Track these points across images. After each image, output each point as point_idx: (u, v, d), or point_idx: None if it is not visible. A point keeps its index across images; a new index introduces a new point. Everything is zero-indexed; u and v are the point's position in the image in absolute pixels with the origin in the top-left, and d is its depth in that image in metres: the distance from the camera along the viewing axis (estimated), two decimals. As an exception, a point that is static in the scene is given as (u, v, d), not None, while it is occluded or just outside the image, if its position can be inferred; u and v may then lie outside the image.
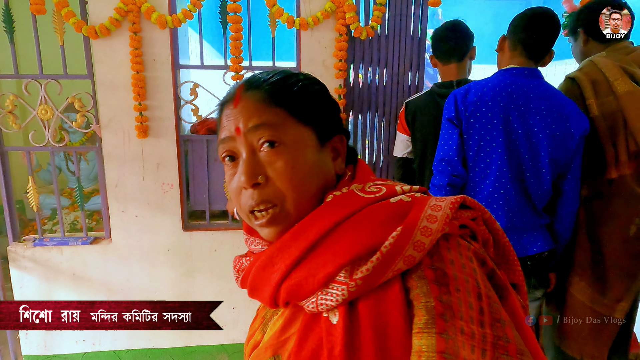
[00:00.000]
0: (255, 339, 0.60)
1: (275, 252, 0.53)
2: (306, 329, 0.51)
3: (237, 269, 0.62)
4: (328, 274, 0.47)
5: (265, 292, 0.53)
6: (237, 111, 0.57)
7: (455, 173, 1.45)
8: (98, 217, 3.35)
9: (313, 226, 0.51)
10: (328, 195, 0.56)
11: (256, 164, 0.55)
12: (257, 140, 0.55)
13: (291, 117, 0.56)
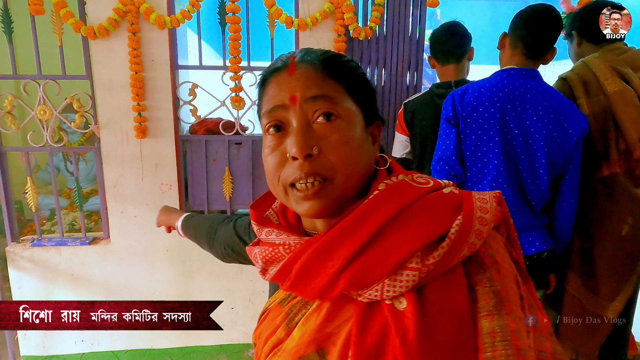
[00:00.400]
0: (277, 336, 0.57)
1: (333, 238, 0.50)
2: (364, 318, 0.49)
3: (264, 259, 0.57)
4: (400, 260, 0.47)
5: (318, 282, 0.50)
6: (293, 80, 0.55)
7: (452, 172, 1.45)
8: (97, 218, 3.35)
9: (377, 212, 0.50)
10: (379, 183, 0.55)
11: (310, 135, 0.53)
12: (312, 111, 0.54)
13: (346, 93, 0.56)
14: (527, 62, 1.44)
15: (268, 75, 0.59)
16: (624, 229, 1.51)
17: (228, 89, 2.19)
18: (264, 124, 0.58)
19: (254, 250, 0.59)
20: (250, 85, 2.20)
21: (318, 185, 0.53)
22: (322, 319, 0.52)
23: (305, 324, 0.54)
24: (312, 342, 0.51)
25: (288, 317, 0.58)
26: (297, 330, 0.54)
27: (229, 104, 2.23)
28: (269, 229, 0.60)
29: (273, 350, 0.56)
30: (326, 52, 0.58)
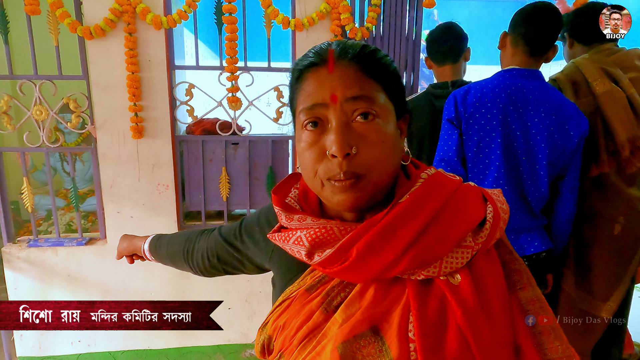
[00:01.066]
0: (314, 321, 0.57)
1: (396, 220, 0.53)
2: (421, 294, 0.54)
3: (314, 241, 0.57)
4: (458, 239, 0.54)
5: (381, 261, 0.53)
6: (334, 78, 0.56)
7: (454, 173, 1.45)
8: (94, 218, 3.33)
9: (432, 197, 0.55)
10: (421, 173, 0.60)
11: (349, 134, 0.56)
12: (352, 110, 0.56)
13: (383, 90, 0.58)
14: (529, 61, 1.44)
15: (305, 69, 0.60)
16: (616, 228, 1.53)
17: (225, 89, 2.19)
18: (301, 119, 0.59)
19: (295, 235, 0.60)
20: (247, 86, 2.20)
21: (351, 183, 0.56)
22: (370, 300, 0.55)
23: (349, 306, 0.56)
24: (365, 321, 0.54)
25: (325, 301, 0.59)
26: (340, 313, 0.56)
27: (225, 104, 2.23)
28: (299, 215, 0.61)
29: (310, 336, 0.57)
30: (363, 48, 0.59)
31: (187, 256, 0.93)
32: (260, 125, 2.41)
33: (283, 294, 0.66)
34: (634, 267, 1.56)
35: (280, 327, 0.62)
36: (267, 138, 2.36)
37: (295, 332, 0.59)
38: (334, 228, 0.57)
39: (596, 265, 1.57)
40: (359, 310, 0.55)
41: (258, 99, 2.27)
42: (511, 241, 1.44)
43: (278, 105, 2.27)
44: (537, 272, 1.49)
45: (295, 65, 0.64)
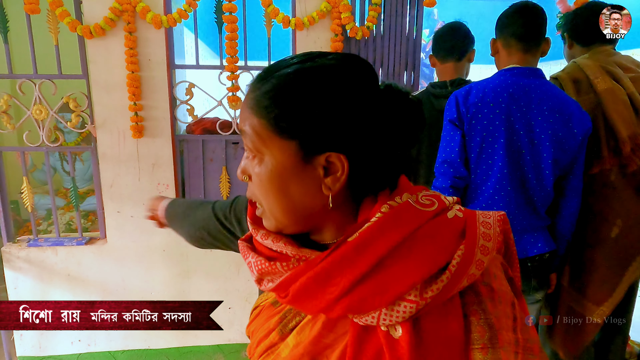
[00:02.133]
0: (271, 340, 0.57)
1: (334, 265, 0.49)
2: (359, 340, 0.50)
3: (260, 271, 0.55)
4: (399, 293, 0.47)
5: (316, 305, 0.50)
6: (241, 109, 0.57)
7: (457, 175, 1.43)
8: (94, 218, 3.33)
9: (379, 239, 0.48)
10: (382, 205, 0.51)
11: (247, 162, 0.56)
12: (244, 142, 0.56)
13: (270, 130, 0.51)
14: (526, 58, 1.43)
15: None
16: (614, 231, 1.51)
17: (225, 88, 2.19)
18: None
19: (249, 258, 0.57)
20: (247, 85, 2.19)
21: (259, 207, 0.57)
22: (317, 331, 0.53)
23: (300, 333, 0.54)
24: (306, 354, 0.52)
25: (282, 322, 0.58)
26: (291, 337, 0.55)
27: (226, 103, 2.23)
28: (264, 231, 0.57)
29: (267, 352, 0.57)
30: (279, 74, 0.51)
31: (183, 221, 0.95)
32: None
33: (257, 300, 0.66)
34: (632, 274, 1.53)
35: (250, 334, 0.63)
36: (268, 137, 2.35)
37: (257, 345, 0.59)
38: (277, 264, 0.53)
39: (591, 267, 1.55)
40: (306, 340, 0.53)
41: (258, 99, 2.26)
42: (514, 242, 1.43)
43: (278, 104, 2.26)
44: (540, 273, 1.48)
45: None
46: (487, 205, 1.43)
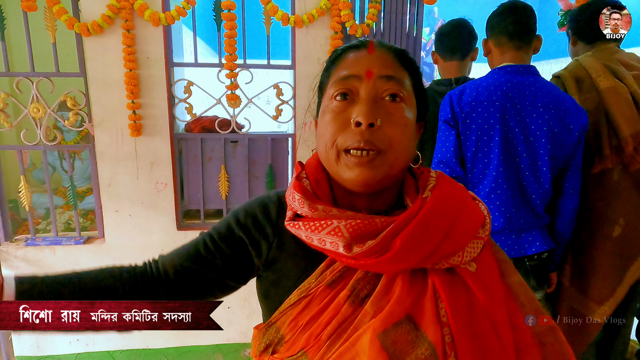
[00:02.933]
0: (343, 314, 0.58)
1: (431, 214, 0.57)
2: (447, 282, 0.59)
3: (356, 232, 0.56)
4: (476, 230, 0.62)
5: (422, 251, 0.56)
6: (373, 57, 0.61)
7: (453, 175, 1.43)
8: (93, 217, 3.32)
9: (454, 193, 0.63)
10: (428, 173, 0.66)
11: (377, 108, 0.59)
12: (383, 89, 0.60)
13: (412, 84, 0.63)
14: (519, 55, 1.43)
15: (344, 51, 0.65)
16: (616, 230, 1.50)
17: (224, 86, 2.18)
18: (332, 91, 0.62)
19: (331, 225, 0.57)
20: (246, 83, 2.19)
21: (373, 155, 0.58)
22: (399, 292, 0.58)
23: (380, 299, 0.58)
24: (401, 310, 0.57)
25: (352, 293, 0.59)
26: (371, 305, 0.57)
27: (224, 101, 2.21)
28: (323, 205, 0.61)
29: (338, 330, 0.58)
30: (400, 47, 0.66)
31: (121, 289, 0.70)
32: (260, 123, 2.40)
33: (298, 291, 0.63)
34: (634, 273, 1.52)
35: (302, 326, 0.61)
36: (267, 136, 2.34)
37: (323, 328, 0.58)
38: (376, 220, 0.57)
39: (592, 265, 1.54)
40: (390, 301, 0.57)
41: (257, 97, 2.26)
42: (512, 241, 1.42)
43: (277, 102, 2.25)
44: (539, 272, 1.47)
45: (333, 52, 0.68)
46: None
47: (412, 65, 0.65)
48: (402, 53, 0.64)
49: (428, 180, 0.64)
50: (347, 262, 0.59)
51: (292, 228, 0.63)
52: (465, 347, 0.56)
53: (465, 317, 0.58)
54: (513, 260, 1.43)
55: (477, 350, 0.56)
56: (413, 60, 0.65)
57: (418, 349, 0.55)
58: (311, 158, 0.71)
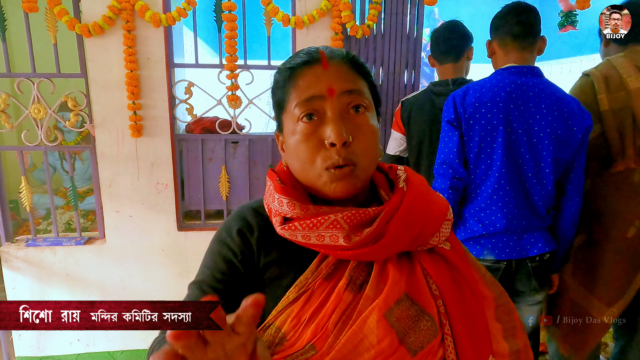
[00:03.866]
0: (345, 301, 0.61)
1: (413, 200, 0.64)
2: (433, 261, 0.67)
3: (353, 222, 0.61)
4: (445, 214, 0.69)
5: (411, 233, 0.63)
6: (330, 73, 0.63)
7: (456, 176, 1.43)
8: (93, 217, 3.32)
9: (423, 182, 0.71)
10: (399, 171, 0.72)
11: (345, 125, 0.62)
12: (346, 103, 0.63)
13: (369, 87, 0.67)
14: (523, 56, 1.43)
15: (298, 67, 0.65)
16: (631, 231, 1.49)
17: (224, 87, 2.18)
18: (296, 113, 0.64)
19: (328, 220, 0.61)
20: (246, 84, 2.19)
21: (348, 170, 0.62)
22: (392, 275, 0.62)
23: (377, 283, 0.62)
24: (400, 289, 0.62)
25: (350, 281, 0.63)
26: (370, 289, 0.61)
27: (225, 102, 2.21)
28: (313, 205, 0.65)
29: (343, 317, 0.60)
30: (348, 53, 0.67)
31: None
32: (260, 124, 2.40)
33: (295, 288, 0.63)
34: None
35: (306, 320, 0.61)
36: (267, 137, 2.34)
37: (328, 318, 0.60)
38: (369, 210, 0.62)
39: (605, 267, 1.53)
40: (387, 283, 0.61)
41: (258, 98, 2.26)
42: (514, 242, 1.42)
43: (278, 103, 2.25)
44: (541, 274, 1.47)
45: (283, 65, 0.68)
46: (486, 205, 1.42)
47: (363, 69, 0.67)
48: (354, 59, 0.66)
49: (397, 174, 0.71)
50: (341, 254, 0.62)
51: (288, 231, 0.64)
52: (456, 315, 0.64)
53: (452, 289, 0.66)
54: (515, 261, 1.43)
55: (465, 315, 0.65)
56: (362, 63, 0.68)
57: (420, 322, 0.61)
58: (280, 166, 0.74)
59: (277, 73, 0.69)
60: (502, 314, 0.73)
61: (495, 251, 1.42)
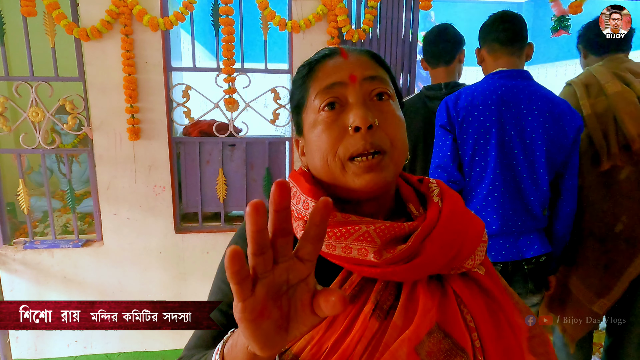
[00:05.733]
0: (370, 329, 0.53)
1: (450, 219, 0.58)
2: (467, 287, 0.60)
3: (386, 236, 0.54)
4: (481, 235, 0.62)
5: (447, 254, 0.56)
6: (350, 62, 0.60)
7: (451, 179, 1.44)
8: (90, 220, 3.32)
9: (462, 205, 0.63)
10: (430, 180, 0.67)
11: (370, 109, 0.57)
12: (369, 90, 0.58)
13: (391, 80, 0.63)
14: (512, 60, 1.46)
15: (317, 61, 0.62)
16: (618, 227, 1.56)
17: (222, 90, 2.19)
18: (317, 104, 0.59)
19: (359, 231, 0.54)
20: (243, 87, 2.20)
21: (379, 157, 0.56)
22: (423, 300, 0.55)
23: (406, 310, 0.55)
24: (428, 320, 0.54)
25: (376, 306, 0.55)
26: (398, 317, 0.54)
27: (222, 105, 2.23)
28: (341, 213, 0.58)
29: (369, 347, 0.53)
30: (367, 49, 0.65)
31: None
32: (257, 127, 2.41)
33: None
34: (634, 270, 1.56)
35: (328, 349, 0.54)
36: (264, 139, 2.36)
37: (354, 348, 0.53)
38: (404, 224, 0.56)
39: (594, 260, 1.61)
40: (418, 311, 0.54)
41: (255, 101, 2.28)
42: (510, 244, 1.44)
43: (275, 106, 2.27)
44: (536, 276, 1.48)
45: (304, 63, 0.65)
46: (481, 207, 1.44)
47: (385, 64, 0.64)
48: (374, 54, 0.64)
49: (429, 187, 0.65)
50: (368, 271, 0.55)
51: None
52: (492, 350, 0.56)
53: (489, 320, 0.58)
54: (511, 263, 1.45)
55: (501, 351, 0.57)
56: (383, 59, 0.65)
57: (453, 358, 0.53)
58: (297, 173, 0.67)
59: (296, 74, 0.65)
60: (537, 345, 0.65)
61: (491, 253, 1.44)
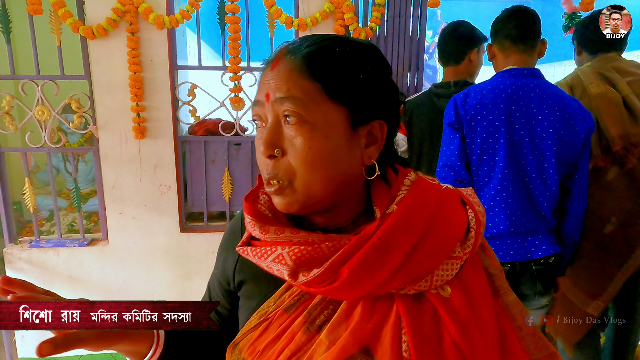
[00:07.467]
0: (296, 343, 0.53)
1: (390, 234, 0.50)
2: (412, 310, 0.51)
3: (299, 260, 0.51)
4: (449, 250, 0.51)
5: (374, 279, 0.49)
6: (272, 76, 0.54)
7: (458, 178, 1.42)
8: (96, 219, 3.33)
9: (423, 206, 0.52)
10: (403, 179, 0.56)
11: (276, 136, 0.53)
12: (281, 112, 0.53)
13: (323, 93, 0.52)
14: (523, 58, 1.43)
15: (265, 65, 0.58)
16: (607, 228, 1.58)
17: (227, 89, 2.18)
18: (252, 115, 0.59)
19: (275, 253, 0.52)
20: (249, 86, 2.19)
21: (277, 185, 0.54)
22: (358, 318, 0.51)
23: (336, 327, 0.52)
24: (355, 342, 0.50)
25: (308, 320, 0.54)
26: (326, 334, 0.51)
27: (228, 104, 2.22)
28: (275, 227, 0.55)
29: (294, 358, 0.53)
30: (314, 44, 0.53)
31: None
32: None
33: (257, 314, 0.60)
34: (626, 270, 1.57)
35: (259, 352, 0.56)
36: (270, 139, 2.34)
37: (277, 357, 0.54)
38: (322, 246, 0.51)
39: (585, 261, 1.62)
40: (347, 331, 0.51)
41: (261, 100, 2.26)
42: (518, 244, 1.41)
43: (281, 105, 2.25)
44: (544, 277, 1.45)
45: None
46: (489, 207, 1.42)
47: (329, 66, 0.52)
48: (314, 57, 0.52)
49: (399, 189, 0.55)
50: (300, 287, 0.54)
51: (242, 254, 0.58)
52: None
53: (432, 351, 0.49)
54: (519, 264, 1.42)
55: None
56: (334, 57, 0.53)
57: None
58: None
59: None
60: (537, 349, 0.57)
61: (499, 253, 1.41)
